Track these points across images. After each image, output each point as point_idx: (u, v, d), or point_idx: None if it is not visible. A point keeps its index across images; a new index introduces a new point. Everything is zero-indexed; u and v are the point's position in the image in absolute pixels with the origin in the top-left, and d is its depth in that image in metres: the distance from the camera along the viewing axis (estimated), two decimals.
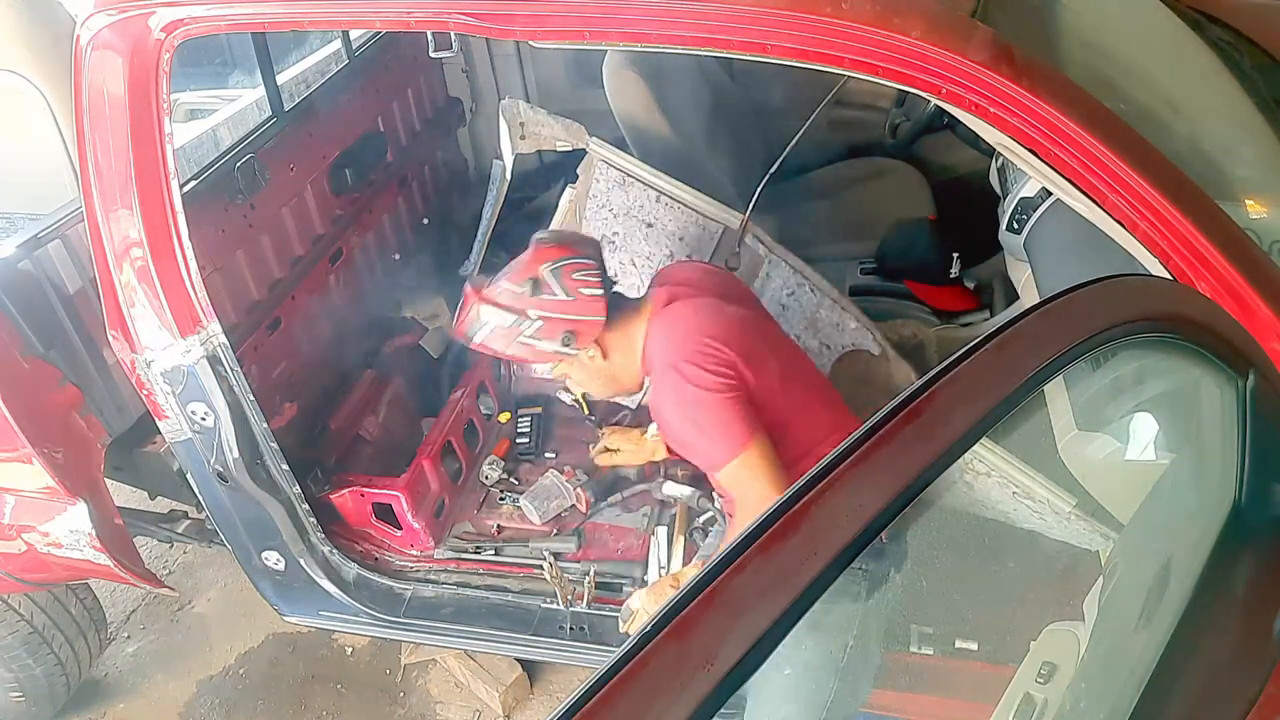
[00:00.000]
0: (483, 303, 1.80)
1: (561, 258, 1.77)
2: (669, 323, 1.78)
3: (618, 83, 2.59)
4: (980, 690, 1.72)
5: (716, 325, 1.75)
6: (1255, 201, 1.77)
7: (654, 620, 0.61)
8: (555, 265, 1.76)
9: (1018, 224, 2.36)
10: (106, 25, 1.67)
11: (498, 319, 1.78)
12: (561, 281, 1.76)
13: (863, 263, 2.92)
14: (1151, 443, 1.56)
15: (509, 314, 1.78)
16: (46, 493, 2.07)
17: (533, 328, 1.77)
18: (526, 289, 1.76)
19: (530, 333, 1.78)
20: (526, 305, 1.76)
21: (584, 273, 1.78)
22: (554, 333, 1.77)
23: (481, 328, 1.81)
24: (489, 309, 1.79)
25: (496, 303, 1.78)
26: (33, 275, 1.99)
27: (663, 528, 2.39)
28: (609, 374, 1.87)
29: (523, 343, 1.79)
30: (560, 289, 1.76)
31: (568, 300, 1.76)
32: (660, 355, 1.73)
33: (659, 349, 1.75)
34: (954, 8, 1.46)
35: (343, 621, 2.38)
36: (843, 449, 0.74)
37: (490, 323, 1.79)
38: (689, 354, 1.67)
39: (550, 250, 1.79)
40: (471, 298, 1.82)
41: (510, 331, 1.78)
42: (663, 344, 1.75)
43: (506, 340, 1.80)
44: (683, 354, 1.68)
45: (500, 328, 1.79)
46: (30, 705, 2.57)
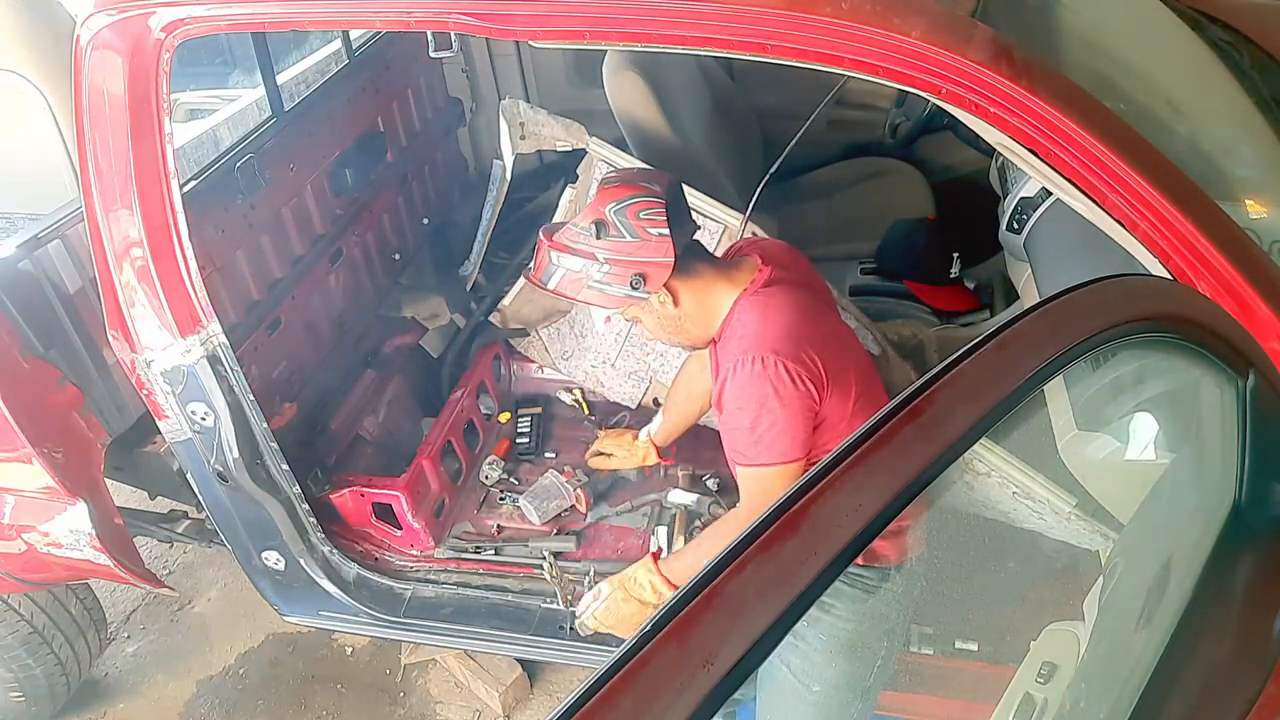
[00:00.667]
0: (553, 248, 1.71)
1: (626, 196, 1.67)
2: (775, 308, 1.69)
3: (618, 83, 2.60)
4: (980, 690, 1.72)
5: (820, 337, 1.68)
6: (1255, 201, 1.77)
7: (654, 620, 0.61)
8: (620, 205, 1.66)
9: (1018, 224, 2.36)
10: (106, 25, 1.67)
11: (567, 263, 1.70)
12: (627, 221, 1.66)
13: (863, 263, 2.92)
14: (1151, 443, 1.57)
15: (577, 258, 1.69)
16: (46, 493, 2.07)
17: (601, 271, 1.68)
18: (592, 231, 1.67)
19: (599, 277, 1.69)
20: (593, 248, 1.67)
21: (650, 211, 1.67)
22: (623, 276, 1.67)
23: (554, 273, 1.73)
24: (558, 254, 1.71)
25: (565, 247, 1.70)
26: (33, 275, 1.99)
27: (663, 528, 2.39)
28: (678, 323, 1.78)
29: (592, 287, 1.70)
30: (626, 229, 1.66)
31: (634, 241, 1.66)
32: (754, 337, 1.65)
33: (754, 328, 1.67)
34: (954, 8, 1.46)
35: (343, 621, 2.38)
36: (843, 449, 0.74)
37: (561, 267, 1.71)
38: (786, 353, 1.60)
39: (615, 189, 1.69)
40: (543, 243, 1.74)
41: (579, 276, 1.70)
42: (759, 326, 1.67)
43: (577, 285, 1.71)
44: (779, 349, 1.61)
45: (570, 272, 1.71)
46: (30, 705, 2.57)
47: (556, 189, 2.70)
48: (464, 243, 2.98)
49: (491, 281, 2.94)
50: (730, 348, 1.68)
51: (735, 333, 1.70)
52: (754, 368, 1.60)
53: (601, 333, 2.77)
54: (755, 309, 1.69)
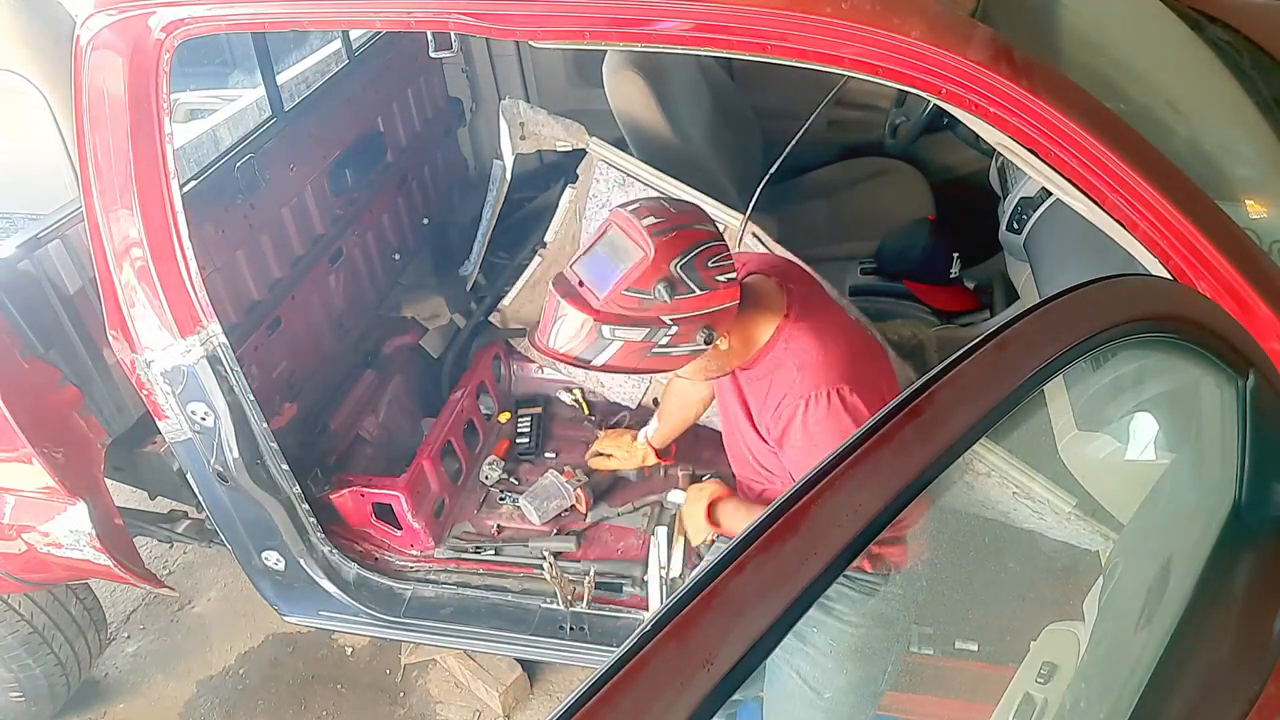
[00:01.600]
0: (603, 320, 1.50)
1: (691, 247, 1.49)
2: (829, 335, 1.61)
3: (618, 83, 2.59)
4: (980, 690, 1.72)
5: (869, 354, 1.65)
6: (1255, 201, 1.77)
7: (654, 620, 0.61)
8: (686, 258, 1.48)
9: (1018, 224, 2.36)
10: (106, 25, 1.67)
11: (626, 334, 1.50)
12: (697, 275, 1.49)
13: (863, 263, 2.92)
14: (1151, 443, 1.56)
15: (640, 326, 1.49)
16: (46, 493, 2.07)
17: (669, 334, 1.51)
18: (661, 293, 1.47)
19: (666, 341, 1.52)
20: (661, 311, 1.49)
21: (718, 258, 1.51)
22: (692, 334, 1.52)
23: (606, 348, 1.52)
24: (613, 326, 1.50)
25: (623, 317, 1.49)
26: (33, 275, 1.99)
27: (662, 528, 2.39)
28: (724, 359, 1.66)
29: (657, 353, 1.53)
30: (696, 284, 1.49)
31: (704, 294, 1.50)
32: (820, 369, 1.56)
33: (816, 360, 1.57)
34: (954, 8, 1.46)
35: (343, 621, 2.38)
36: (843, 449, 0.74)
37: (617, 340, 1.51)
38: (858, 382, 1.54)
39: (676, 240, 1.49)
40: (578, 314, 1.51)
41: (643, 345, 1.52)
42: (821, 357, 1.58)
43: (639, 356, 1.53)
44: (851, 379, 1.55)
45: (631, 343, 1.51)
46: (30, 705, 2.57)
47: (556, 189, 2.70)
48: (464, 243, 2.98)
49: (491, 281, 2.94)
50: (785, 378, 1.60)
51: (788, 362, 1.60)
52: (830, 403, 1.53)
53: None
54: (806, 336, 1.60)
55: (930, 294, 2.78)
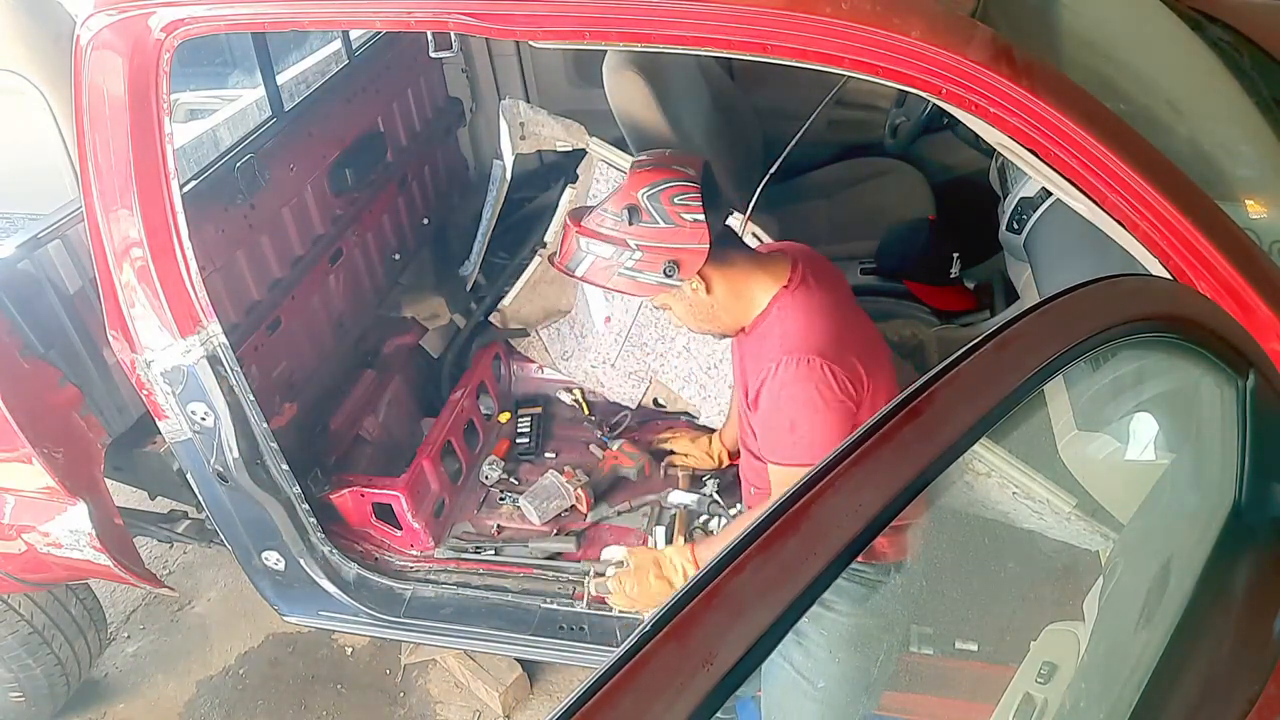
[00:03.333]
0: (581, 234, 1.67)
1: (660, 180, 1.62)
2: (818, 309, 1.68)
3: (618, 83, 2.59)
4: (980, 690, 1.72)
5: (861, 341, 1.68)
6: (1255, 201, 1.77)
7: (654, 620, 0.61)
8: (653, 189, 1.62)
9: (1018, 224, 2.36)
10: (106, 25, 1.67)
11: (597, 250, 1.66)
12: (660, 206, 1.61)
13: (863, 263, 2.92)
14: (1151, 443, 1.56)
15: (608, 244, 1.64)
16: (46, 493, 2.07)
17: (633, 259, 1.64)
18: (624, 217, 1.62)
19: (630, 264, 1.64)
20: (625, 234, 1.63)
21: (685, 196, 1.62)
22: (655, 263, 1.63)
23: (582, 260, 1.68)
24: (587, 240, 1.66)
25: (595, 233, 1.65)
26: (33, 275, 1.99)
27: (661, 527, 2.39)
28: (710, 310, 1.74)
29: (623, 275, 1.66)
30: (660, 215, 1.61)
31: (669, 228, 1.61)
32: (799, 336, 1.64)
33: (798, 327, 1.65)
34: (954, 8, 1.46)
35: (343, 621, 2.38)
36: (843, 449, 0.74)
37: (590, 254, 1.67)
38: (831, 355, 1.60)
39: (647, 173, 1.64)
40: (570, 228, 1.70)
41: (610, 263, 1.66)
42: (803, 325, 1.65)
43: (607, 273, 1.67)
44: (824, 351, 1.60)
45: (600, 259, 1.66)
46: (30, 705, 2.57)
47: (556, 189, 2.70)
48: (464, 243, 2.98)
49: (491, 281, 2.94)
50: (770, 344, 1.67)
51: (775, 329, 1.68)
52: (799, 368, 1.59)
53: (601, 333, 2.77)
54: (798, 308, 1.67)
55: (930, 294, 2.78)
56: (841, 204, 3.18)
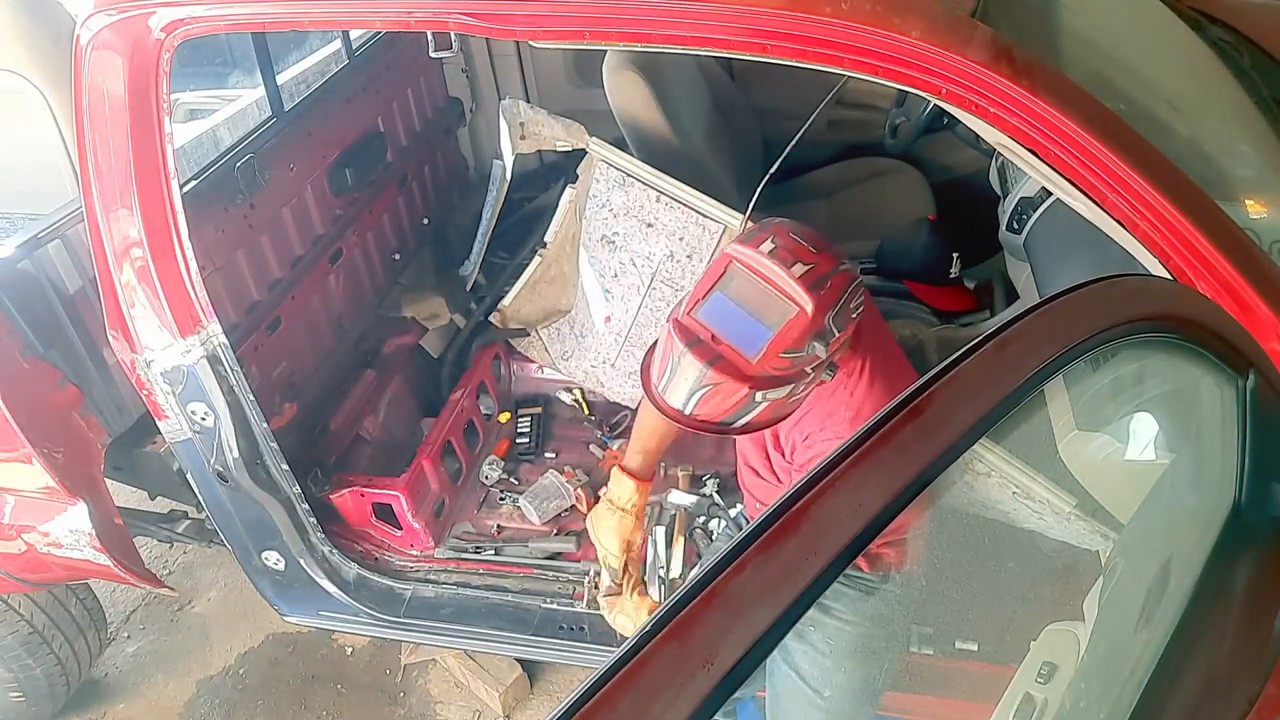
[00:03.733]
0: (758, 388, 1.35)
1: (842, 294, 1.36)
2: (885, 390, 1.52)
3: (618, 83, 2.59)
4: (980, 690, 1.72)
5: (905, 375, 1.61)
6: (1255, 201, 1.77)
7: (654, 620, 0.61)
8: (839, 308, 1.36)
9: (1018, 224, 2.36)
10: (106, 25, 1.67)
11: (776, 395, 1.37)
12: (842, 321, 1.37)
13: (863, 263, 2.92)
14: (1151, 443, 1.56)
15: (789, 384, 1.37)
16: (46, 493, 2.07)
17: (805, 383, 1.39)
18: (812, 349, 1.34)
19: (802, 390, 1.40)
20: (809, 364, 1.36)
21: (857, 298, 1.39)
22: (820, 375, 1.41)
23: (753, 410, 1.38)
24: (764, 391, 1.36)
25: (775, 379, 1.35)
26: (33, 275, 1.99)
27: (661, 527, 2.39)
28: None
29: (794, 400, 1.41)
30: (839, 328, 1.37)
31: (842, 334, 1.38)
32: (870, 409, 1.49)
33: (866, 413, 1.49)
34: (954, 8, 1.46)
35: (343, 621, 2.38)
36: (843, 449, 0.74)
37: (767, 401, 1.38)
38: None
39: (829, 294, 1.34)
40: (730, 381, 1.34)
41: (786, 399, 1.39)
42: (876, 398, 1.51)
43: (777, 410, 1.41)
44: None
45: (777, 402, 1.39)
46: (30, 705, 2.57)
47: (556, 189, 2.70)
48: (464, 243, 2.98)
49: (491, 281, 2.94)
50: (836, 411, 1.52)
51: (842, 395, 1.53)
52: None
53: (601, 333, 2.77)
54: (871, 383, 1.52)
55: (930, 294, 2.78)
56: (841, 204, 3.18)
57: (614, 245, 2.57)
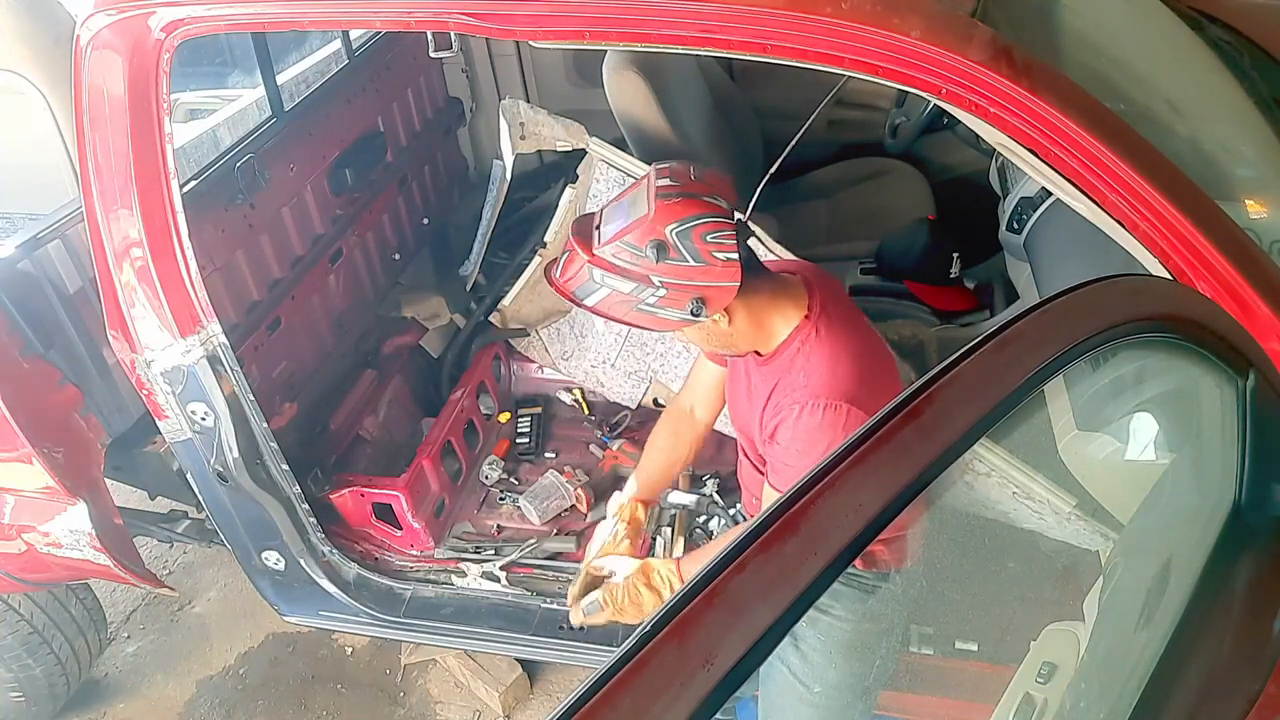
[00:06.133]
0: (596, 265, 1.53)
1: (691, 217, 1.48)
2: (845, 347, 1.60)
3: (618, 83, 2.59)
4: (980, 690, 1.72)
5: (885, 374, 1.65)
6: (1255, 201, 1.77)
7: (654, 620, 0.61)
8: (683, 225, 1.48)
9: (1018, 224, 2.36)
10: (106, 25, 1.67)
11: (615, 284, 1.53)
12: (692, 245, 1.48)
13: (863, 263, 2.92)
14: (1151, 443, 1.56)
15: (628, 280, 1.51)
16: (46, 493, 2.07)
17: (656, 295, 1.51)
18: (650, 253, 1.48)
19: (653, 301, 1.52)
20: (649, 271, 1.49)
21: (718, 234, 1.49)
22: (681, 300, 1.51)
23: (595, 291, 1.55)
24: (603, 273, 1.53)
25: (613, 267, 1.52)
26: (33, 275, 1.99)
27: (665, 528, 2.39)
28: (728, 338, 1.65)
29: (643, 310, 1.54)
30: (690, 253, 1.48)
31: (699, 266, 1.49)
32: (827, 379, 1.56)
33: (825, 369, 1.57)
34: (954, 8, 1.46)
35: (343, 621, 2.38)
36: (843, 449, 0.74)
37: (605, 287, 1.54)
38: (860, 402, 1.52)
39: (677, 206, 1.49)
40: (579, 254, 1.55)
41: (629, 298, 1.53)
42: (831, 367, 1.57)
43: (624, 308, 1.55)
44: (854, 398, 1.53)
45: (617, 293, 1.54)
46: (30, 705, 2.57)
47: (556, 189, 2.70)
48: (464, 243, 2.98)
49: (491, 281, 2.93)
50: (794, 380, 1.59)
51: (798, 364, 1.60)
52: (825, 415, 1.53)
53: (601, 333, 2.77)
54: (822, 344, 1.60)
55: (930, 294, 2.78)
56: (841, 204, 3.18)
57: None
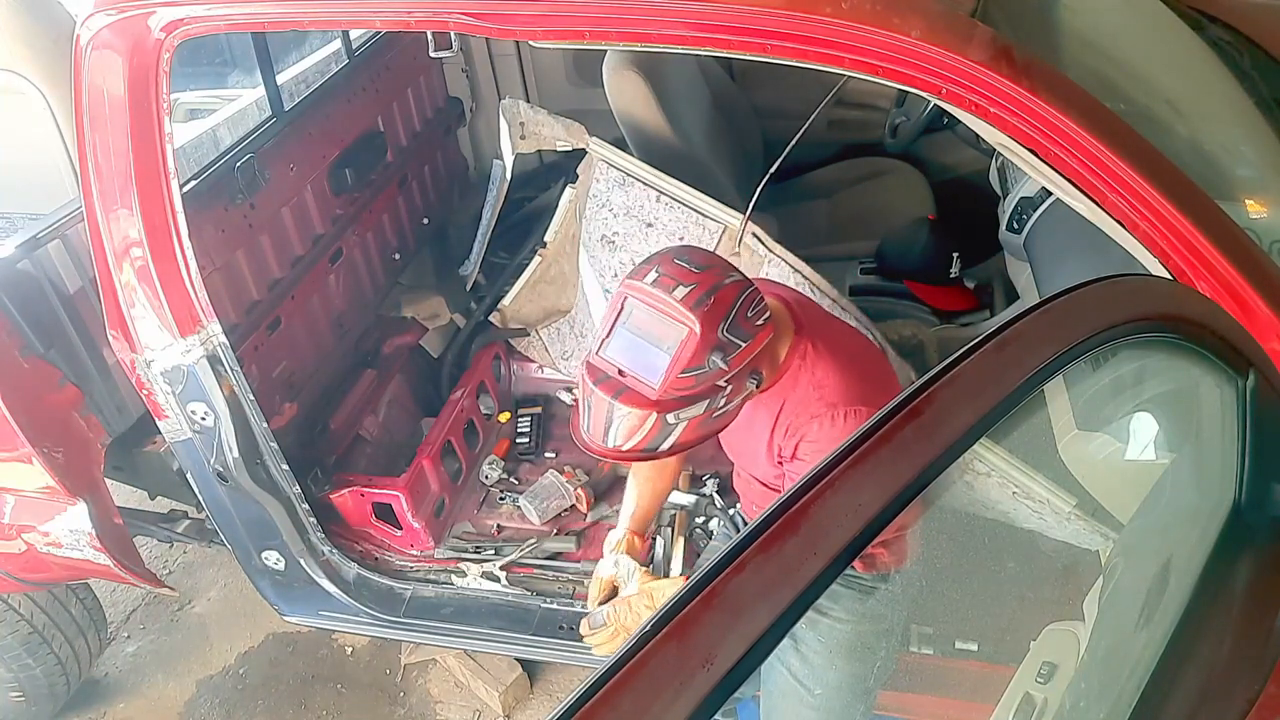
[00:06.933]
0: (666, 410, 1.43)
1: (730, 307, 1.42)
2: (844, 351, 1.60)
3: (618, 83, 2.59)
4: (980, 690, 1.72)
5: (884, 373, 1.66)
6: (1255, 201, 1.77)
7: (654, 620, 0.61)
8: (730, 320, 1.42)
9: (1018, 224, 2.36)
10: (106, 25, 1.67)
11: (690, 413, 1.45)
12: (740, 329, 1.43)
13: (863, 263, 2.92)
14: (1151, 443, 1.56)
15: (700, 400, 1.44)
16: (46, 493, 2.07)
17: (724, 394, 1.46)
18: (715, 363, 1.40)
19: (723, 401, 1.46)
20: (717, 379, 1.43)
21: (755, 305, 1.46)
22: (742, 384, 1.47)
23: (673, 432, 1.47)
24: (676, 412, 1.44)
25: (683, 399, 1.43)
26: (33, 275, 1.99)
27: (665, 528, 2.39)
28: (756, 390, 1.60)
29: (717, 415, 1.48)
30: (742, 338, 1.43)
31: (749, 343, 1.44)
32: (837, 388, 1.54)
33: (832, 378, 1.55)
34: (954, 8, 1.46)
35: (343, 621, 2.38)
36: (843, 449, 0.74)
37: (682, 421, 1.45)
38: (872, 400, 1.52)
39: (715, 308, 1.41)
40: (635, 410, 1.43)
41: (705, 415, 1.46)
42: (840, 377, 1.55)
43: (705, 426, 1.49)
44: (866, 399, 1.53)
45: (696, 419, 1.46)
46: (30, 705, 2.57)
47: (556, 189, 2.70)
48: (464, 243, 2.98)
49: (491, 281, 2.94)
50: (802, 396, 1.57)
51: (802, 379, 1.57)
52: (847, 423, 1.51)
53: None
54: (822, 357, 1.58)
55: (930, 294, 2.78)
56: (841, 204, 3.18)
57: (614, 245, 2.57)
